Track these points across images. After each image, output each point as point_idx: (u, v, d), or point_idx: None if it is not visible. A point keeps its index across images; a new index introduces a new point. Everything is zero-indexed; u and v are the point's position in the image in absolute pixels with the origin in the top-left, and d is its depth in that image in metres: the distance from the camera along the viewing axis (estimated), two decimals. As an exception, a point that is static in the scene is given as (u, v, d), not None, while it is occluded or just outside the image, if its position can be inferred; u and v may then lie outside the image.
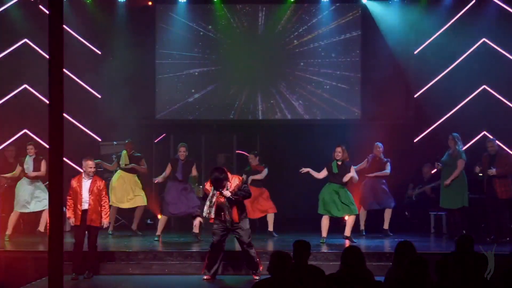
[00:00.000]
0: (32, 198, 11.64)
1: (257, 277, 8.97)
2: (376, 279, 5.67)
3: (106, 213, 9.44)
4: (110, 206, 11.92)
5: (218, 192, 8.95)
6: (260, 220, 12.62)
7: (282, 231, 12.08)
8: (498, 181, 11.11)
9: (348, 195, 10.85)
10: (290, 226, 12.29)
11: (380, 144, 12.05)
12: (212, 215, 9.00)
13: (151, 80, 14.00)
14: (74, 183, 9.26)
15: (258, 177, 11.89)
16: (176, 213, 11.35)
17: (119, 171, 12.22)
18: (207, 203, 9.01)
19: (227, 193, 8.92)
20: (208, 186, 9.12)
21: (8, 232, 11.44)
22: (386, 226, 12.00)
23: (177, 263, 9.75)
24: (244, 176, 11.20)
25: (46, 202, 11.11)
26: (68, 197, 9.28)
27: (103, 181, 9.63)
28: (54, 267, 5.01)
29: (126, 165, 12.11)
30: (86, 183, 9.29)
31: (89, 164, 9.34)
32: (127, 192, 12.07)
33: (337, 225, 11.68)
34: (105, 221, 9.41)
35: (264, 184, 12.03)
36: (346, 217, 10.95)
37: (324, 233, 10.91)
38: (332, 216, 10.93)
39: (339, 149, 10.93)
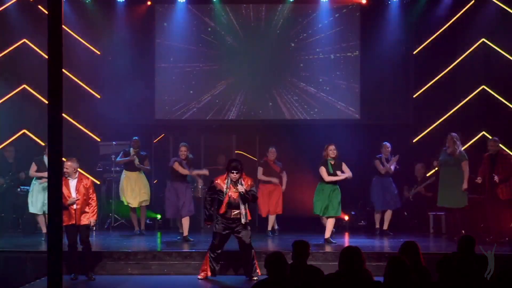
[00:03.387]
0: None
1: (255, 278, 8.96)
2: (375, 279, 5.66)
3: (94, 211, 9.36)
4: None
5: (231, 186, 8.95)
6: (260, 220, 12.63)
7: (282, 231, 12.10)
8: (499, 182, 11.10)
9: (337, 196, 10.84)
10: (290, 226, 12.29)
11: (388, 144, 12.09)
12: (227, 210, 8.98)
13: (151, 80, 14.00)
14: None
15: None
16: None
17: (123, 171, 12.21)
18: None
19: (241, 187, 8.94)
20: (221, 180, 9.12)
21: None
22: (385, 227, 12.03)
23: (176, 263, 9.75)
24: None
25: None
26: None
27: (89, 179, 9.66)
28: (53, 267, 5.01)
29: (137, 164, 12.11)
30: (72, 183, 9.26)
31: (68, 165, 9.23)
32: (135, 190, 12.03)
33: (336, 225, 11.67)
34: (92, 219, 9.34)
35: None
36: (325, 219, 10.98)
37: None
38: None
39: (332, 147, 10.91)
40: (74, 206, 9.19)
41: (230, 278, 9.33)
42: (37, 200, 11.28)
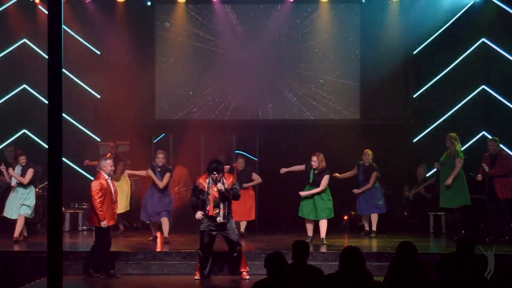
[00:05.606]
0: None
1: (247, 276, 9.04)
2: (375, 279, 5.67)
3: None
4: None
5: (213, 185, 8.95)
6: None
7: (281, 231, 12.09)
8: (499, 181, 11.09)
9: (323, 201, 10.82)
10: (289, 227, 12.29)
11: (368, 151, 11.98)
12: (210, 210, 8.97)
13: (151, 80, 14.00)
14: (103, 183, 9.07)
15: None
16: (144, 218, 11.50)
17: None
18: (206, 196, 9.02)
19: (220, 185, 8.92)
20: (202, 180, 9.11)
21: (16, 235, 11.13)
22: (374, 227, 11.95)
23: (176, 263, 9.76)
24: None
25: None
26: (100, 199, 9.03)
27: None
28: (53, 268, 5.00)
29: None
30: (110, 182, 9.27)
31: (110, 163, 9.25)
32: None
33: (335, 225, 11.69)
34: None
35: (261, 184, 12.03)
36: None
37: (309, 233, 10.93)
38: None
39: (314, 158, 10.82)
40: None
41: (223, 278, 9.33)
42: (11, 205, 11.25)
